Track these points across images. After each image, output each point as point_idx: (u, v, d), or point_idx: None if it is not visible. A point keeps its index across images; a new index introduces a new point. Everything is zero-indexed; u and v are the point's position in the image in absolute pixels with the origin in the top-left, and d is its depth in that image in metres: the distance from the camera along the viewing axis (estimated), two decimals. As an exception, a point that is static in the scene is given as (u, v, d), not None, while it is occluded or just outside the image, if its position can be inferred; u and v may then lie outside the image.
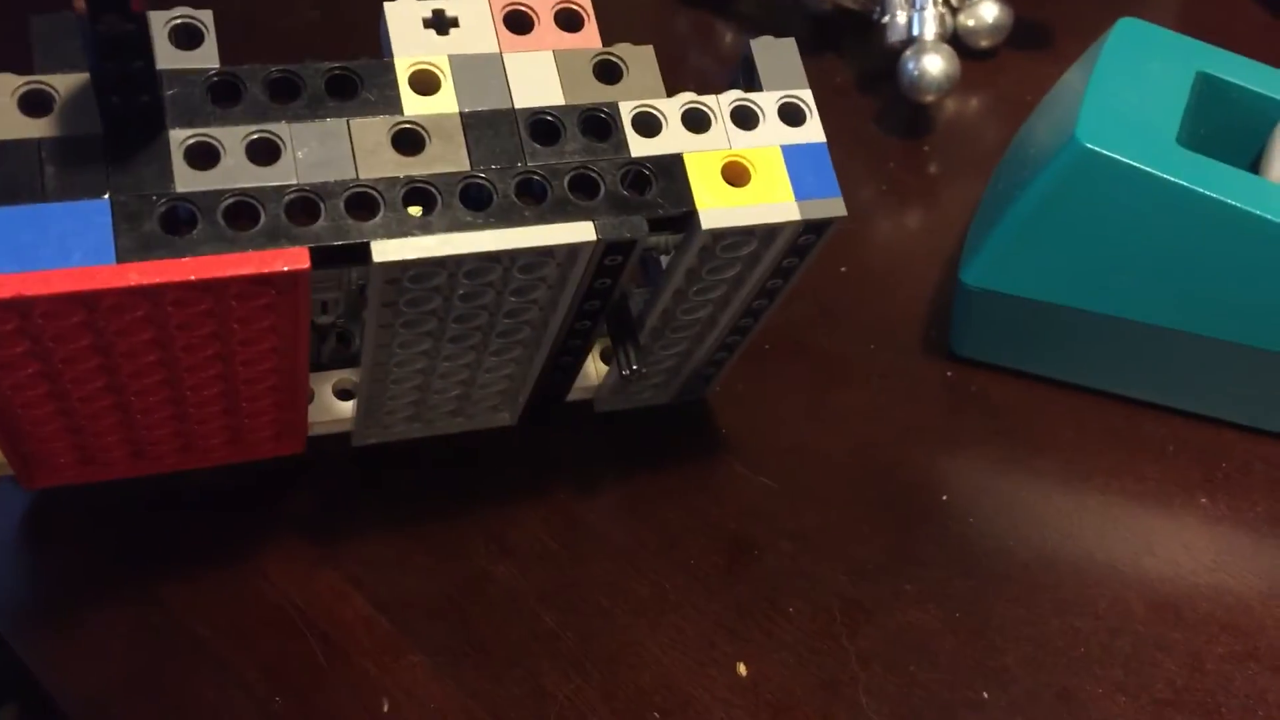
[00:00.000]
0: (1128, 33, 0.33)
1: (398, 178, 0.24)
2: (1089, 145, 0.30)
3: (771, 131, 0.27)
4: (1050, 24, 0.46)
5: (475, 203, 0.25)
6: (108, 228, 0.23)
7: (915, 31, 0.41)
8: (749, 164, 0.26)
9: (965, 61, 0.45)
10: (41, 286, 0.22)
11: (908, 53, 0.41)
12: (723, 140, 0.27)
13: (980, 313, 0.33)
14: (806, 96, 0.27)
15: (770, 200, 0.26)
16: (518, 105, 0.26)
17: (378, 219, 0.24)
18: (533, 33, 0.26)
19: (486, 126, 0.25)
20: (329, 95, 0.25)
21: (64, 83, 0.24)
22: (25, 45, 0.24)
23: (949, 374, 0.35)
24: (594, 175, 0.25)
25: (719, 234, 0.26)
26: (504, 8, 0.26)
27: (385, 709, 0.29)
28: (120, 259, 0.22)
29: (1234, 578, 0.31)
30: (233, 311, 0.24)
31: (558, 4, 0.27)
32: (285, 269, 0.23)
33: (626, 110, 0.26)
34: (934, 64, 0.40)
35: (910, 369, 0.36)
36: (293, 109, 0.24)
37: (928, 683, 0.29)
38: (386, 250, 0.24)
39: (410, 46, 0.26)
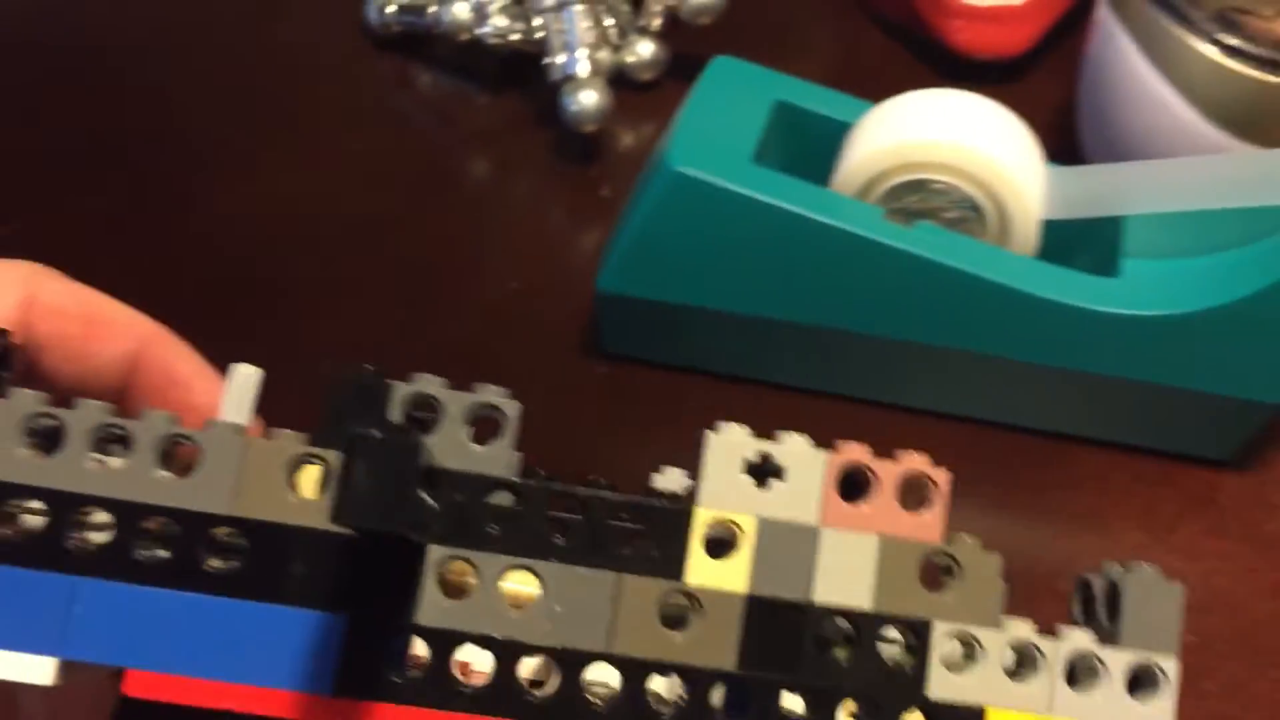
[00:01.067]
0: (721, 68, 0.39)
1: (649, 662, 0.21)
2: (677, 168, 0.35)
3: (1109, 700, 0.21)
4: (705, 57, 0.52)
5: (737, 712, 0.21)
6: (333, 651, 0.20)
7: (571, 70, 0.46)
8: None
9: (631, 93, 0.50)
10: (242, 703, 0.20)
11: (564, 89, 0.46)
12: (1044, 699, 0.21)
13: (613, 314, 0.38)
14: (1170, 666, 0.22)
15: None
16: (817, 599, 0.21)
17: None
18: (865, 502, 0.22)
19: (770, 617, 0.21)
20: (605, 534, 0.21)
21: (336, 459, 0.20)
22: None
23: (602, 371, 0.40)
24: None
25: None
26: (841, 465, 0.22)
27: None
28: (336, 692, 0.20)
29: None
30: None
31: (906, 471, 0.22)
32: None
33: (941, 633, 0.21)
34: (588, 98, 0.45)
35: (568, 373, 0.41)
36: (562, 547, 0.21)
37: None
38: None
39: (721, 491, 0.21)
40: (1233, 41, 0.38)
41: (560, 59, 0.46)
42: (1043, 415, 0.38)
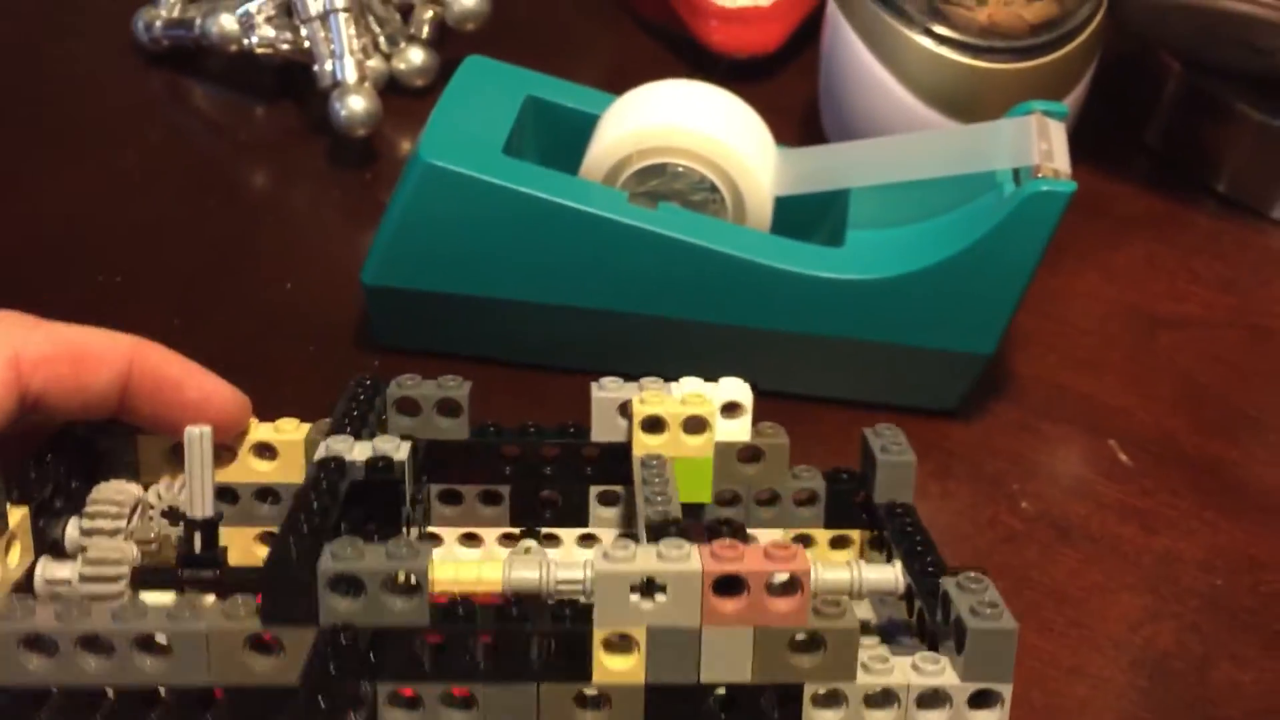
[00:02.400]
0: (473, 67, 0.41)
1: None
2: (428, 160, 0.37)
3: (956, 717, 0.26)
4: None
5: None
6: None
7: (339, 76, 0.47)
8: None
9: (405, 100, 0.52)
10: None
11: (334, 94, 0.47)
12: None
13: (381, 306, 0.40)
14: (1006, 690, 0.26)
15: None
16: (704, 679, 0.25)
17: None
18: (739, 600, 0.25)
19: (666, 696, 0.26)
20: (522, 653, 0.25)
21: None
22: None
23: (376, 363, 0.42)
24: None
25: None
26: (716, 576, 0.25)
27: None
28: None
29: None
30: None
31: (774, 570, 0.25)
32: None
33: (810, 691, 0.26)
34: (357, 103, 0.47)
35: (342, 364, 0.42)
36: (489, 669, 0.25)
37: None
38: None
39: (614, 611, 0.25)
40: (942, 30, 0.42)
41: (328, 66, 0.48)
42: (786, 379, 0.40)
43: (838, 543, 0.34)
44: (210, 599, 0.28)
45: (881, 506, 0.32)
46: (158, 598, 0.30)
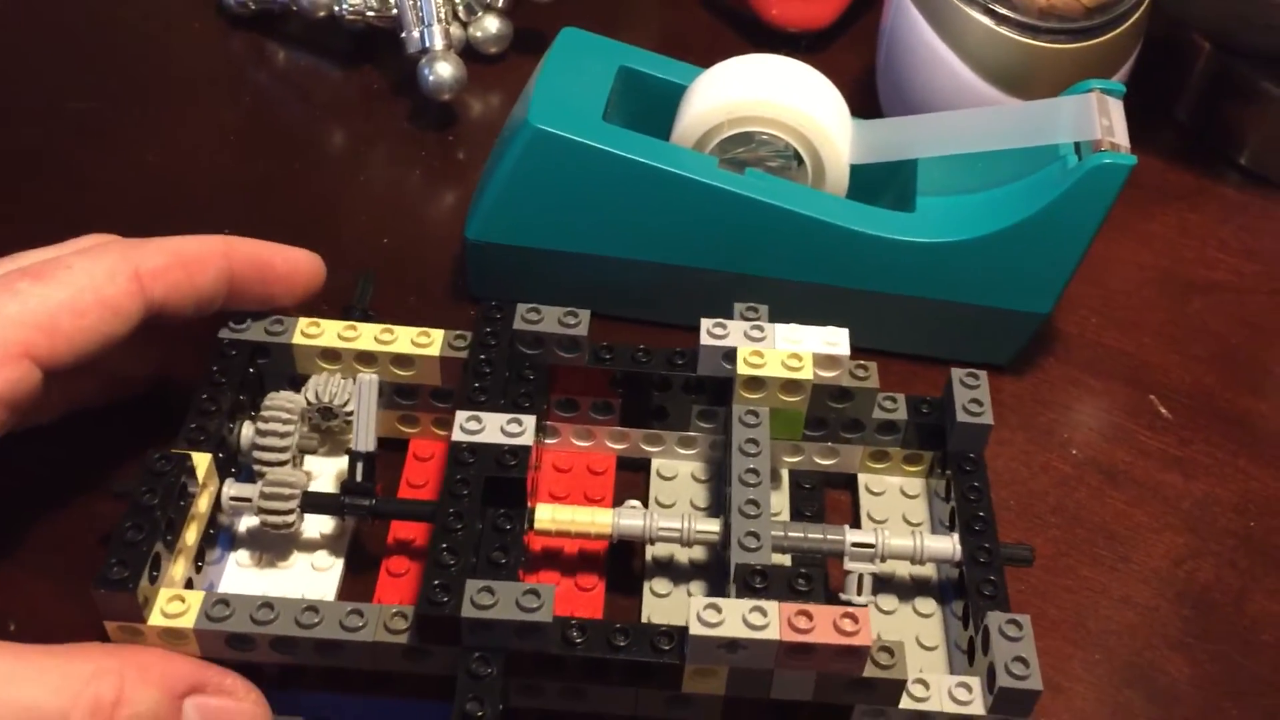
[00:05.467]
0: (569, 39, 0.44)
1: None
2: (537, 125, 0.40)
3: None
4: (546, 32, 0.57)
5: None
6: None
7: (427, 44, 0.50)
8: None
9: (479, 65, 0.54)
10: None
11: (422, 61, 0.50)
12: None
13: (481, 260, 0.43)
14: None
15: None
16: (773, 696, 0.31)
17: None
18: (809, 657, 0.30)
19: (740, 707, 0.31)
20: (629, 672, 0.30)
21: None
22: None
23: (472, 313, 0.45)
24: None
25: None
26: (788, 645, 0.29)
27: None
28: None
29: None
30: None
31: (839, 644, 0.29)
32: None
33: (859, 712, 0.31)
34: (445, 69, 0.50)
35: (442, 315, 0.45)
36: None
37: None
38: None
39: (702, 653, 0.30)
40: (1002, 11, 0.45)
41: (415, 33, 0.50)
42: (855, 333, 0.43)
43: (910, 459, 0.38)
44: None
45: (954, 455, 0.36)
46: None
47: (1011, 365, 0.44)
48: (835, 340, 0.36)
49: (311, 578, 0.35)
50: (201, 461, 0.33)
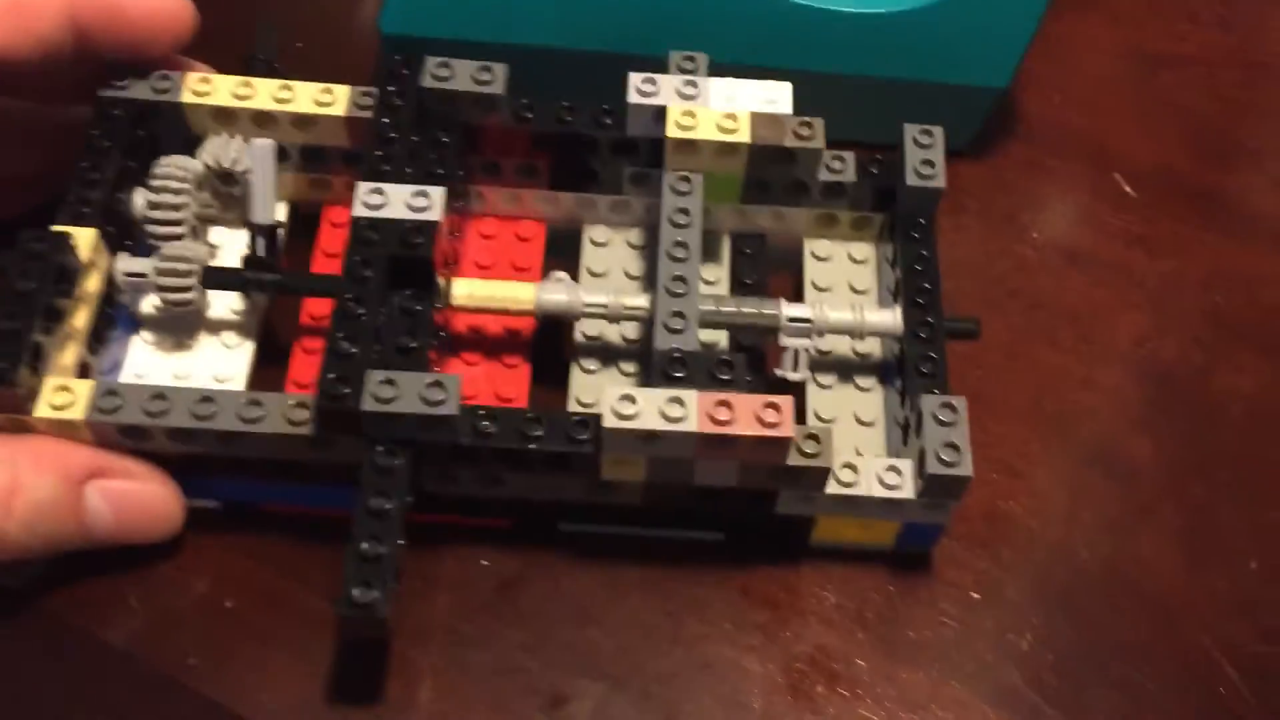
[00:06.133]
0: None
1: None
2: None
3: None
4: None
5: None
6: None
7: None
8: None
9: None
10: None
11: None
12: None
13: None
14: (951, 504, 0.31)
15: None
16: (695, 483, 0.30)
17: None
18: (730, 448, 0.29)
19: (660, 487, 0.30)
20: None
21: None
22: None
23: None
24: None
25: None
26: (706, 436, 0.28)
27: None
28: None
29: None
30: None
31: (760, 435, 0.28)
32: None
33: (784, 498, 0.30)
34: None
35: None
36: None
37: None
38: None
39: (620, 448, 0.29)
40: None
41: None
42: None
43: (860, 223, 0.36)
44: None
45: (902, 219, 0.34)
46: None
47: (970, 148, 0.42)
48: (775, 97, 0.33)
49: (222, 357, 0.33)
50: (85, 237, 0.30)
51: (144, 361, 0.33)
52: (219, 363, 0.33)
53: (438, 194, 0.31)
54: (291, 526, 0.32)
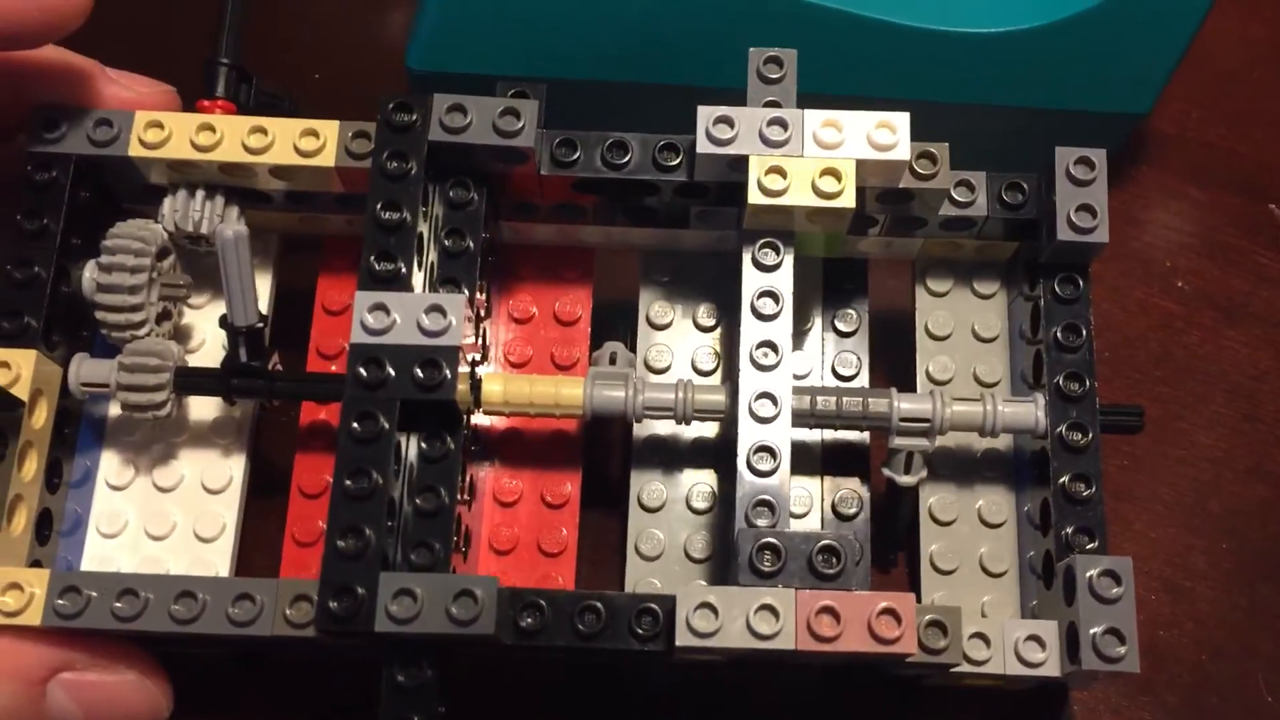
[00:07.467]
0: None
1: None
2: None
3: None
4: None
5: None
6: None
7: None
8: None
9: None
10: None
11: None
12: None
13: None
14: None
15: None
16: None
17: None
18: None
19: None
20: None
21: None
22: None
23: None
24: None
25: None
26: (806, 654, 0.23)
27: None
28: None
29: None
30: None
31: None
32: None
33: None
34: None
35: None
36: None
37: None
38: None
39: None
40: None
41: None
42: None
43: (985, 249, 0.30)
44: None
45: (1047, 271, 0.28)
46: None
47: (1099, 179, 0.36)
48: (889, 136, 0.26)
49: (210, 467, 0.28)
50: (22, 363, 0.24)
51: (109, 507, 0.28)
52: (208, 474, 0.28)
53: (457, 305, 0.24)
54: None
